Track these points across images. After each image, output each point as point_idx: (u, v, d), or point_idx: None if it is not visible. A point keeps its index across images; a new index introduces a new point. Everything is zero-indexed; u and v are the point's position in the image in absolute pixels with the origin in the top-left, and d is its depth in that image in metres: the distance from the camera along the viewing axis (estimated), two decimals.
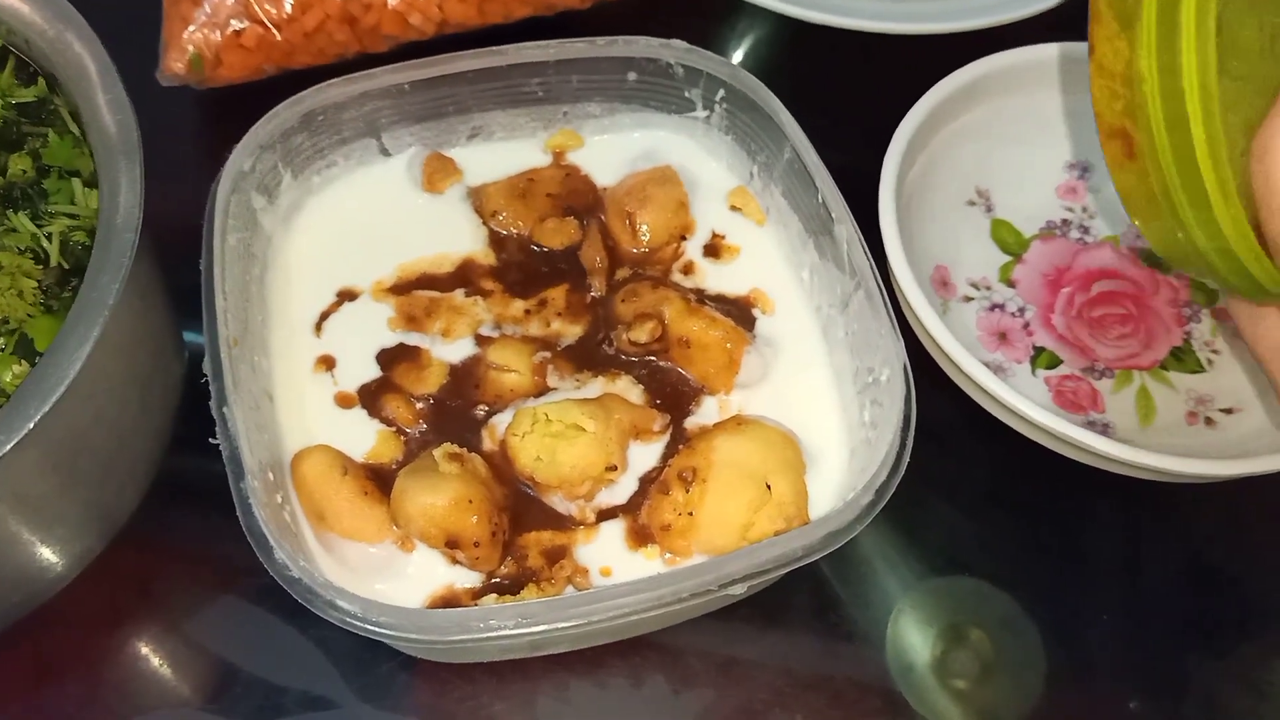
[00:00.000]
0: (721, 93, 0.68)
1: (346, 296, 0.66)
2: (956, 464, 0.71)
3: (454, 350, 0.64)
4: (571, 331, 0.65)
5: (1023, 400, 0.63)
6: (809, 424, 0.62)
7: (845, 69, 0.85)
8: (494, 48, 0.67)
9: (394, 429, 0.61)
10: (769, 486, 0.58)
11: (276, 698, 0.62)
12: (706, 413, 0.63)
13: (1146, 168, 0.50)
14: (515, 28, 0.81)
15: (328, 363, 0.63)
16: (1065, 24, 0.78)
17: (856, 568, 0.67)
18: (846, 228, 0.61)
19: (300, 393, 0.62)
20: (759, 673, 0.64)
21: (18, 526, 0.57)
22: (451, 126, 0.70)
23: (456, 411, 0.62)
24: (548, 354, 0.64)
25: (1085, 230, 0.77)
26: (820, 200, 0.63)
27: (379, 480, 0.59)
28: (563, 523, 0.59)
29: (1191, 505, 0.70)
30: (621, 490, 0.60)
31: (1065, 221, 0.78)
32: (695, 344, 0.63)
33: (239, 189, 0.63)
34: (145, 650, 0.63)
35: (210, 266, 0.58)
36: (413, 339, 0.64)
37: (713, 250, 0.68)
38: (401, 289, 0.66)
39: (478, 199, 0.69)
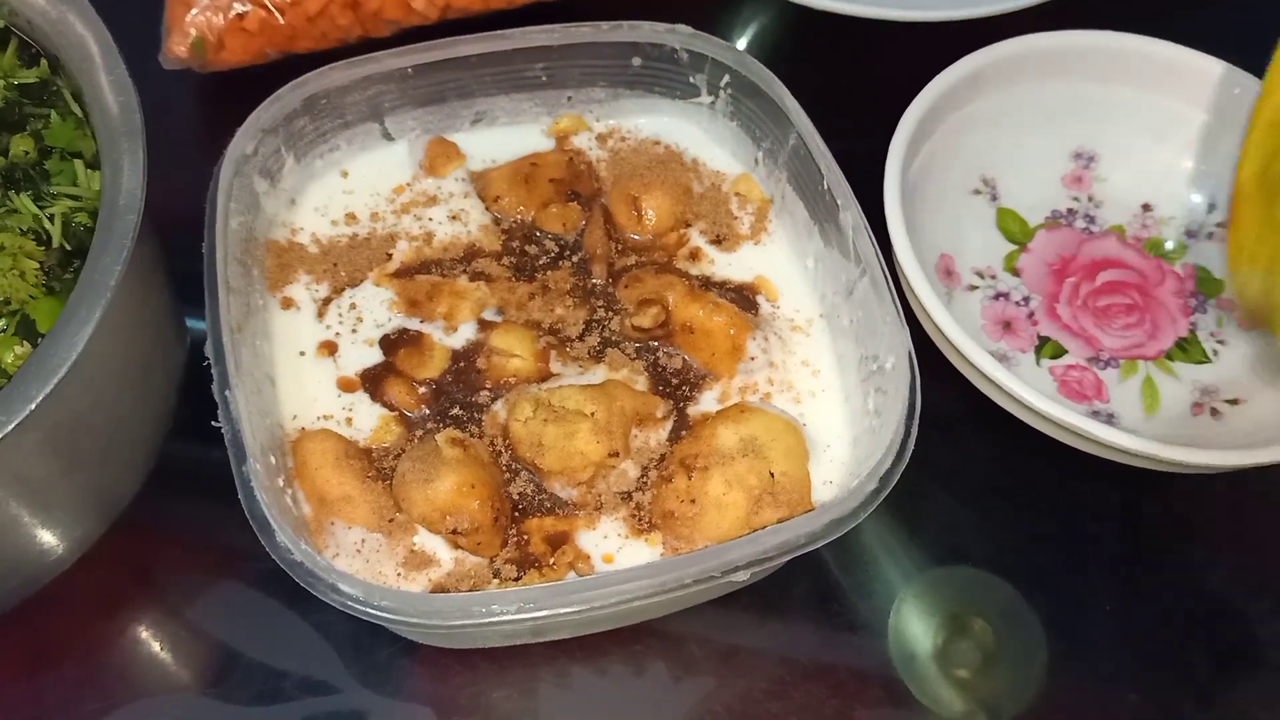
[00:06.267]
0: (726, 78, 0.68)
1: (349, 281, 0.65)
2: (960, 453, 0.71)
3: (457, 335, 0.64)
4: (575, 317, 0.64)
5: (1027, 389, 0.62)
6: (812, 411, 0.62)
7: (851, 56, 0.85)
8: (498, 32, 0.67)
9: (396, 413, 0.61)
10: (772, 474, 0.58)
11: (277, 682, 0.61)
12: (709, 400, 0.63)
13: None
14: (519, 12, 0.81)
15: (330, 347, 0.63)
16: (1071, 12, 0.77)
17: (859, 556, 0.67)
18: (852, 214, 0.61)
19: (302, 377, 0.62)
20: (760, 661, 0.64)
21: (18, 509, 0.57)
22: (454, 111, 0.70)
23: (459, 396, 0.62)
24: (551, 339, 0.63)
25: (1091, 219, 0.77)
26: (825, 187, 0.63)
27: (381, 465, 0.59)
28: (565, 509, 0.59)
29: (1195, 495, 0.70)
30: (624, 477, 0.60)
31: (1071, 210, 0.77)
32: (699, 330, 0.63)
33: (241, 172, 0.62)
34: (145, 635, 0.63)
35: (212, 249, 0.58)
36: (415, 323, 0.64)
37: (717, 237, 0.68)
38: (404, 273, 0.66)
39: (480, 184, 0.69)
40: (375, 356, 0.63)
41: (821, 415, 0.62)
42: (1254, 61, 0.75)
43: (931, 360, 0.66)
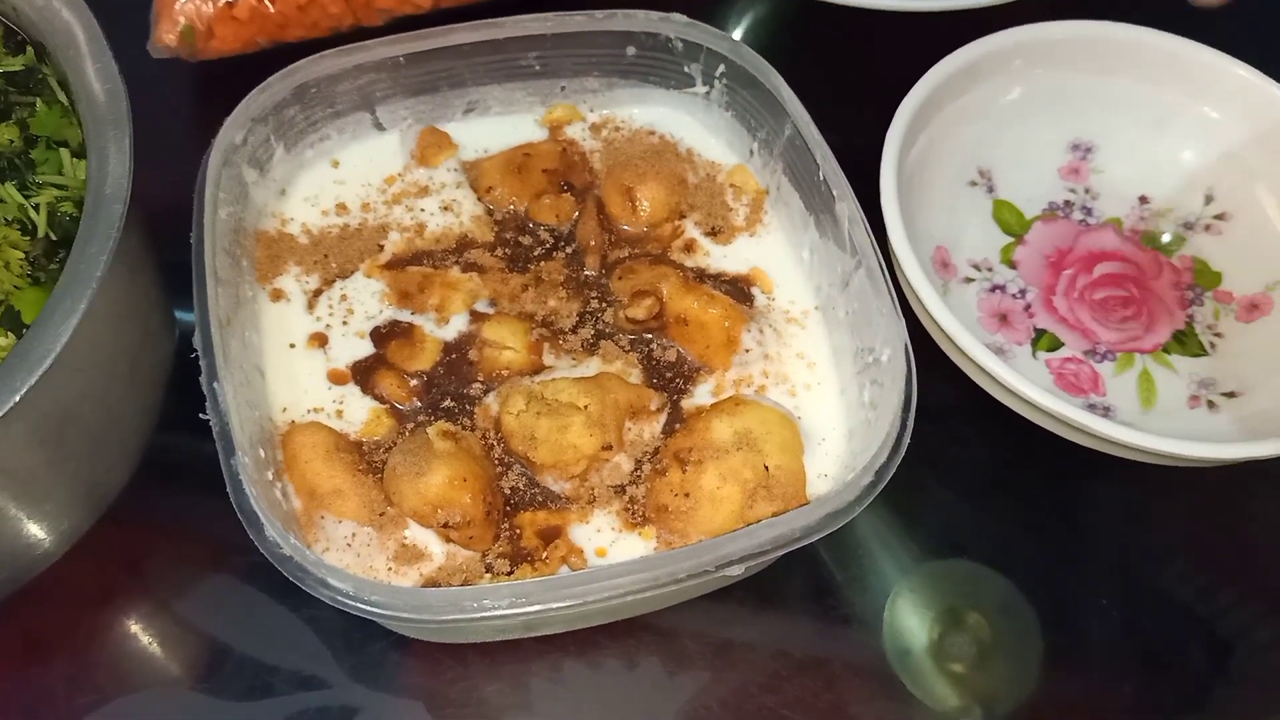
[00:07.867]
0: (722, 68, 0.68)
1: (339, 272, 0.65)
2: (956, 446, 0.70)
3: (449, 327, 0.63)
4: (568, 309, 0.64)
5: (1024, 382, 0.62)
6: (808, 404, 0.62)
7: (847, 47, 0.85)
8: (491, 20, 0.67)
9: (387, 406, 0.61)
10: (767, 467, 0.58)
11: (267, 677, 0.61)
12: (703, 393, 0.62)
13: None
14: (512, 1, 0.80)
15: (320, 339, 0.62)
16: (1068, 3, 0.77)
17: (854, 550, 0.67)
18: (848, 206, 0.61)
19: (292, 369, 0.61)
20: (754, 655, 0.63)
21: (4, 502, 0.57)
22: (447, 100, 0.69)
23: (450, 389, 0.61)
24: (544, 331, 0.63)
25: (1088, 211, 0.77)
26: (821, 178, 0.62)
27: (372, 458, 0.58)
28: (558, 502, 0.58)
29: (1192, 489, 0.70)
30: (617, 470, 0.59)
31: (1068, 203, 0.77)
32: (693, 321, 0.63)
33: (230, 162, 0.62)
34: (134, 629, 0.63)
35: (200, 240, 0.57)
36: (406, 315, 0.63)
37: (712, 229, 0.68)
38: (395, 265, 0.65)
39: (473, 174, 0.68)
40: (366, 349, 0.62)
41: (817, 408, 0.62)
42: (1253, 53, 0.75)
43: (927, 353, 0.65)
